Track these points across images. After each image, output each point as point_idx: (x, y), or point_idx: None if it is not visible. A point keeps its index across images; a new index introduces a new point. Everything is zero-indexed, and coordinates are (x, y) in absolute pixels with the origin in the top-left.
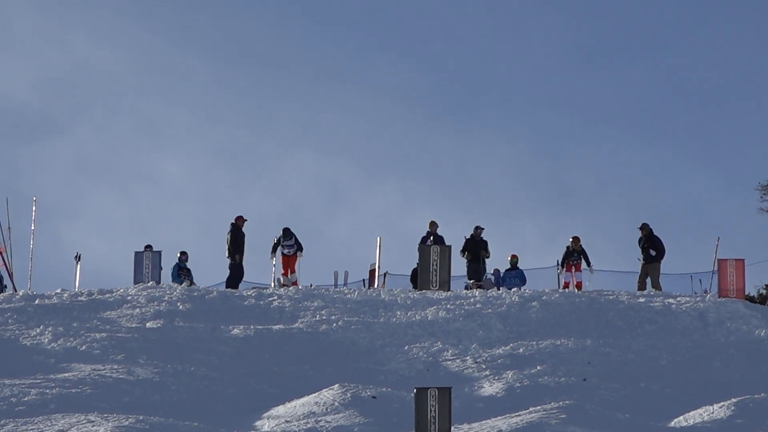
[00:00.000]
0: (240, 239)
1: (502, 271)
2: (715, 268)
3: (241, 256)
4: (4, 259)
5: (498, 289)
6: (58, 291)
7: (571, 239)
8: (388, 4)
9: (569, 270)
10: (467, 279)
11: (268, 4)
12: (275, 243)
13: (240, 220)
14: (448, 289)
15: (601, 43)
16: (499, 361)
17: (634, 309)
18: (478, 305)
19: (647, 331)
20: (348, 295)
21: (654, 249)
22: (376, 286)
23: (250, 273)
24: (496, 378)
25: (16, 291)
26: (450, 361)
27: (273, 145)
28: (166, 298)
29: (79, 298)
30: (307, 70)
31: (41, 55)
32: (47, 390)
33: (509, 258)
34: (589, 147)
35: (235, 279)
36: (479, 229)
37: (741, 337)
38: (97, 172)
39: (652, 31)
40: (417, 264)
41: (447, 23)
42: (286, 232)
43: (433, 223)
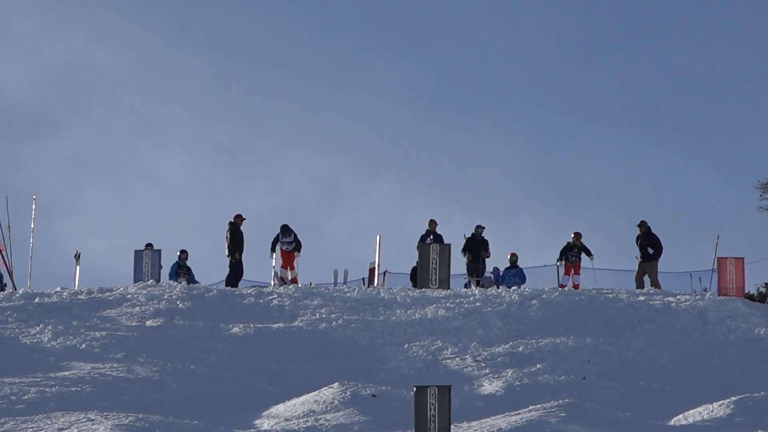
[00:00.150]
0: (239, 237)
1: (501, 269)
2: (715, 267)
3: (240, 253)
4: (3, 258)
5: (497, 288)
6: (58, 289)
7: (572, 234)
8: (387, 2)
9: (568, 273)
10: (467, 276)
11: (266, 3)
12: (274, 240)
13: (239, 218)
14: (448, 288)
15: (600, 42)
16: (498, 359)
17: (633, 307)
18: (477, 304)
19: (647, 329)
20: (348, 294)
21: (652, 247)
22: (375, 284)
23: (249, 271)
24: (496, 376)
25: (15, 289)
26: (450, 360)
27: (271, 143)
28: (166, 297)
29: (78, 297)
30: (306, 68)
31: (40, 53)
32: (47, 388)
33: (509, 256)
34: (587, 145)
35: (234, 277)
36: (480, 228)
37: (740, 335)
38: (95, 169)
39: (652, 30)
40: (416, 262)
41: (445, 22)
42: (285, 229)
43: (433, 222)
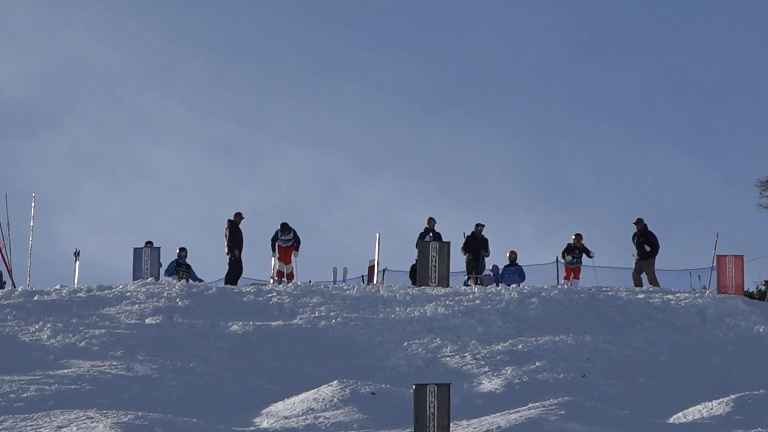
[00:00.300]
0: (238, 235)
1: (500, 267)
2: (714, 264)
3: (240, 251)
4: (3, 256)
5: (497, 286)
6: (57, 287)
7: (573, 236)
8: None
9: (567, 277)
10: (467, 273)
11: (263, 1)
12: (273, 238)
13: (238, 216)
14: (447, 285)
15: (598, 40)
16: (498, 357)
17: (633, 305)
18: (477, 301)
19: (646, 327)
20: (347, 292)
21: (649, 244)
22: (375, 282)
23: (249, 269)
24: (495, 374)
25: (15, 287)
26: (449, 358)
27: (268, 140)
28: (165, 294)
29: (78, 295)
30: (303, 65)
31: (37, 51)
32: (46, 386)
33: (508, 254)
34: (586, 143)
35: (234, 275)
36: (480, 227)
37: (740, 333)
38: (93, 167)
39: (651, 28)
40: (416, 260)
41: (443, 19)
42: (284, 227)
43: (431, 220)
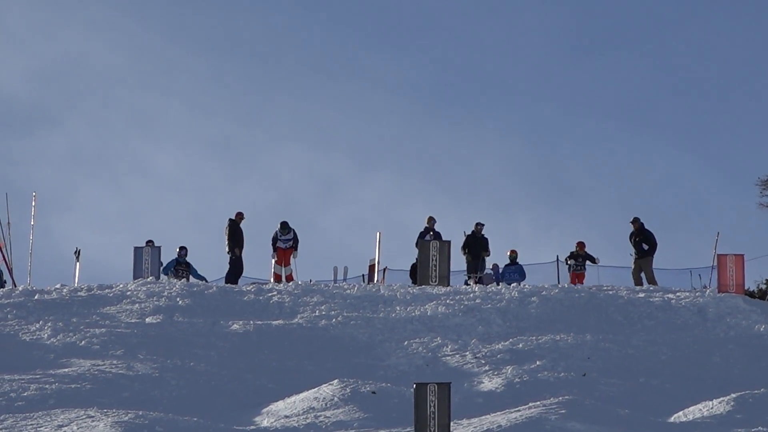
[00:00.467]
0: (238, 234)
1: (501, 266)
2: (715, 263)
3: (240, 250)
4: (3, 255)
5: (497, 285)
6: (58, 286)
7: (576, 244)
8: None
9: (573, 282)
10: (467, 273)
11: None
12: (273, 238)
13: (239, 216)
14: (448, 285)
15: (598, 38)
16: (498, 356)
17: (633, 304)
18: (477, 300)
19: (647, 326)
20: (347, 291)
21: (646, 243)
22: (375, 281)
23: (249, 268)
24: (496, 373)
25: (15, 286)
26: (449, 357)
27: (266, 138)
28: (166, 294)
29: (78, 294)
30: (301, 63)
31: (35, 49)
32: (47, 385)
33: (508, 253)
34: (586, 142)
35: (234, 274)
36: (480, 226)
37: (740, 332)
38: (91, 165)
39: (650, 25)
40: (416, 259)
41: (441, 17)
42: (284, 226)
43: (431, 219)
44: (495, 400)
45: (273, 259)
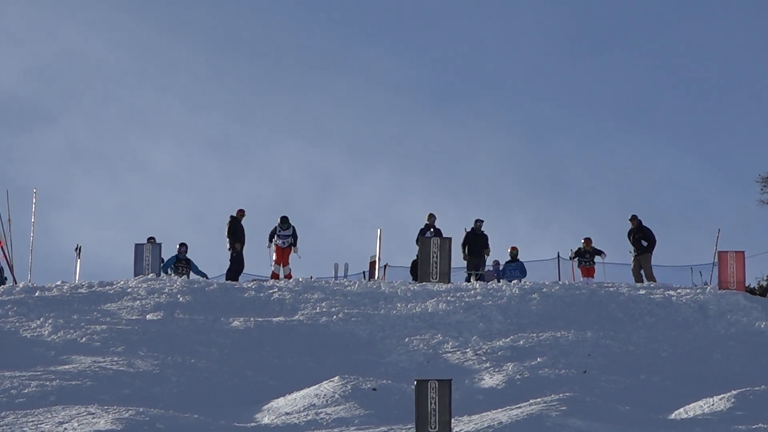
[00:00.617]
0: (239, 231)
1: (502, 263)
2: (716, 260)
3: (241, 244)
4: (4, 252)
5: (498, 281)
6: (58, 283)
7: (583, 240)
8: None
9: (585, 274)
10: (467, 271)
11: None
12: (272, 232)
13: (240, 213)
14: (449, 281)
15: (598, 36)
16: (499, 353)
17: (634, 301)
18: (478, 297)
19: (647, 323)
20: (348, 288)
21: (645, 239)
22: (376, 278)
23: (250, 265)
24: (497, 370)
25: (16, 283)
26: (450, 353)
27: (264, 134)
28: (167, 290)
29: (79, 290)
30: (298, 59)
31: (31, 45)
32: (47, 382)
33: (509, 250)
34: (585, 140)
35: (235, 271)
36: (479, 222)
37: (741, 329)
38: (88, 161)
39: (649, 22)
40: (416, 256)
41: (440, 15)
42: (284, 221)
43: (432, 216)
44: (496, 397)
45: (268, 249)
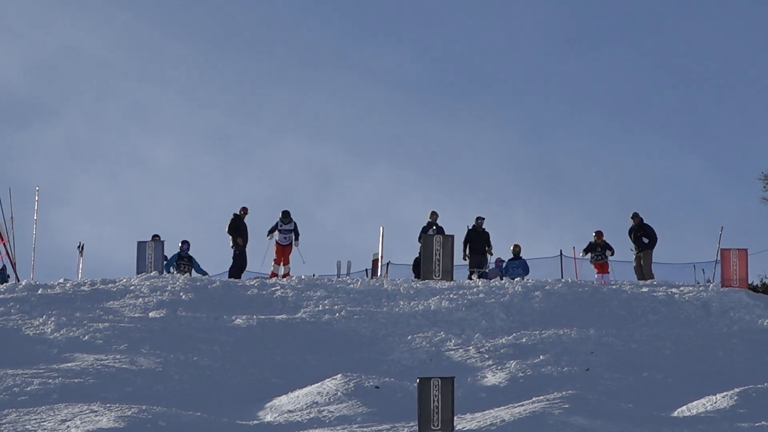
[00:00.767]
0: (241, 229)
1: (505, 261)
2: (718, 258)
3: (243, 240)
4: (7, 250)
5: (501, 279)
6: (61, 281)
7: (594, 234)
8: None
9: (599, 270)
10: (470, 268)
11: None
12: (273, 226)
13: (243, 211)
14: (451, 279)
15: (599, 32)
16: (501, 350)
17: (637, 299)
18: (480, 295)
19: (650, 320)
20: (351, 285)
21: (646, 236)
22: (379, 275)
23: (252, 263)
24: (499, 368)
25: (19, 281)
26: (453, 351)
27: (263, 130)
28: (169, 288)
29: (81, 288)
30: (297, 55)
31: (30, 40)
32: (50, 380)
33: (512, 248)
34: (587, 137)
35: (238, 269)
36: (480, 220)
37: (744, 326)
38: (88, 157)
39: (651, 18)
40: (419, 253)
41: (438, 11)
42: (286, 215)
43: (434, 213)
44: (498, 395)
45: (268, 239)
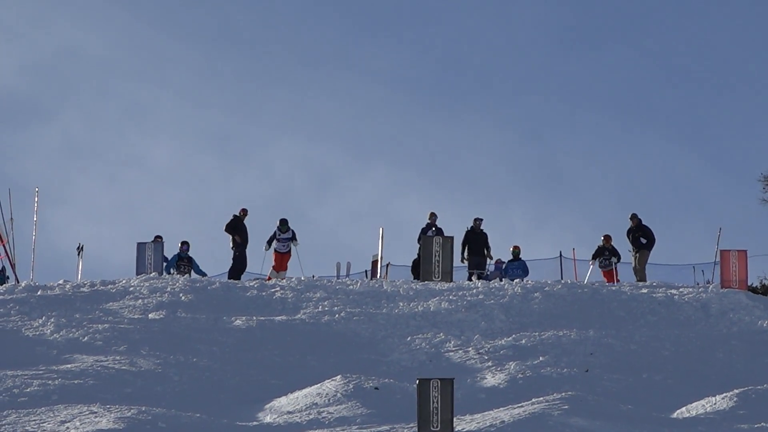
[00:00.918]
0: (240, 230)
1: (504, 262)
2: (718, 259)
3: (242, 239)
4: (6, 251)
5: (500, 280)
6: (61, 282)
7: (602, 238)
8: None
9: (609, 279)
10: (469, 270)
11: None
12: (272, 236)
13: (243, 212)
14: (451, 280)
15: (598, 31)
16: (501, 352)
17: (636, 300)
18: (480, 296)
19: (650, 321)
20: (350, 286)
21: (644, 237)
22: (378, 277)
23: (252, 264)
24: (499, 369)
25: (18, 282)
26: (452, 352)
27: (262, 130)
28: (169, 289)
29: (81, 289)
30: (296, 55)
31: (28, 40)
32: (50, 381)
33: (511, 249)
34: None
35: (237, 270)
36: (478, 221)
37: (743, 327)
38: (86, 157)
39: (651, 18)
40: (418, 254)
41: (437, 10)
42: (283, 223)
43: (433, 214)
44: (498, 396)
45: (264, 250)
